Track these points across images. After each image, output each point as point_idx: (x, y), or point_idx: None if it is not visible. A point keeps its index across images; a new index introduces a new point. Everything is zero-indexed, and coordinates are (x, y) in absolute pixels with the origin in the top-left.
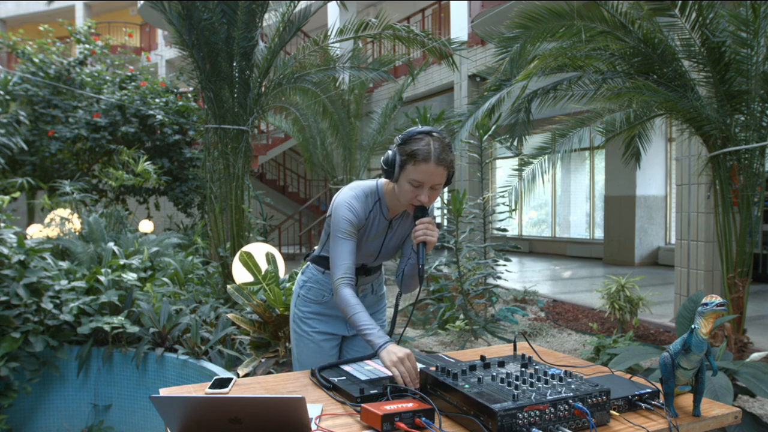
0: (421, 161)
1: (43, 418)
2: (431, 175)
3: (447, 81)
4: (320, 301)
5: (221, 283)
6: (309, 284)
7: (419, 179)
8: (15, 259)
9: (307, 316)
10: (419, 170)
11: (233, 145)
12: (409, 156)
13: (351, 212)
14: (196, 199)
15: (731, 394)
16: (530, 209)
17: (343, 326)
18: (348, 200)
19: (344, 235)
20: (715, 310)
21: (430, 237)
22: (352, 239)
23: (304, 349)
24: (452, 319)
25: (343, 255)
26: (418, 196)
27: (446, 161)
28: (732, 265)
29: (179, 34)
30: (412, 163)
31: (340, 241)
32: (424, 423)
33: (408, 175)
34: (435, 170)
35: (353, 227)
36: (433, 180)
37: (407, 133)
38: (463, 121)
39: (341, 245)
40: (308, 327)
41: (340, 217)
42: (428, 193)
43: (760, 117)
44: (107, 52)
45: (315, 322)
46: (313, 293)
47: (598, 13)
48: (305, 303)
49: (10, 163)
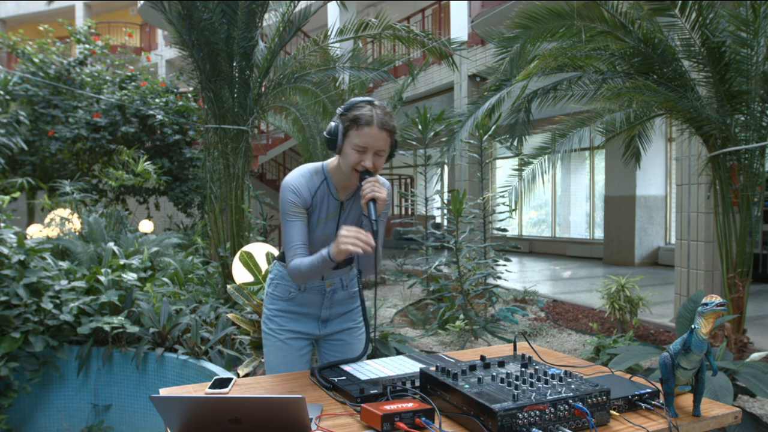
0: (364, 125)
1: (43, 418)
2: (375, 138)
3: (447, 81)
4: (287, 297)
5: (221, 283)
6: (276, 281)
7: (363, 143)
8: (15, 259)
9: (275, 313)
10: (362, 134)
11: (233, 145)
12: (352, 121)
13: (294, 193)
14: (196, 199)
15: (731, 394)
16: (530, 209)
17: (315, 325)
18: (290, 181)
19: (291, 216)
20: (715, 310)
21: (378, 193)
22: (299, 218)
23: (272, 348)
24: (452, 319)
25: (292, 236)
26: (362, 162)
27: (389, 126)
28: (732, 265)
29: (179, 34)
30: (355, 128)
31: (287, 223)
32: (424, 423)
33: (352, 141)
34: (378, 134)
35: (298, 207)
36: (376, 145)
37: (349, 102)
38: (463, 121)
39: (289, 226)
40: (275, 325)
41: (284, 199)
42: (372, 159)
43: (760, 117)
44: (107, 52)
45: (282, 320)
46: (279, 290)
47: (598, 13)
48: (273, 300)
49: (10, 163)
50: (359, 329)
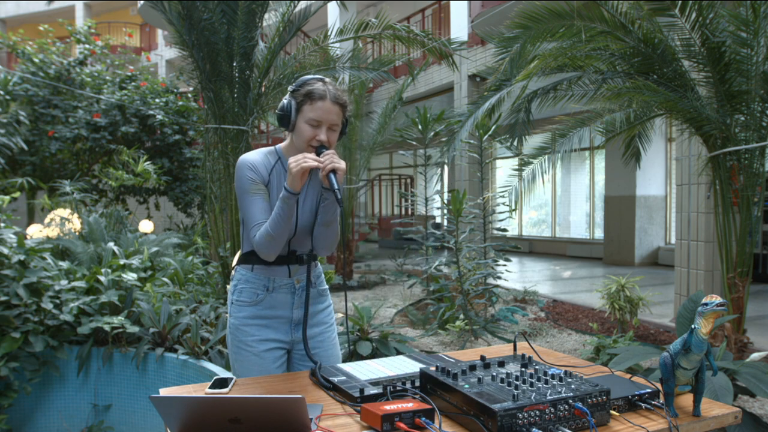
0: (317, 99)
1: (43, 418)
2: (328, 112)
3: (447, 81)
4: (255, 301)
5: (221, 283)
6: (240, 286)
7: (317, 117)
8: (15, 259)
9: (243, 322)
10: (316, 108)
11: (233, 145)
12: (306, 96)
13: (250, 169)
14: (196, 199)
15: (731, 394)
16: (530, 209)
17: (287, 329)
18: (245, 158)
19: (251, 193)
20: (715, 310)
21: (337, 164)
22: (259, 195)
23: (245, 363)
24: (452, 319)
25: (254, 213)
26: (317, 136)
27: (342, 100)
28: (732, 265)
29: (179, 34)
30: (309, 103)
31: (249, 199)
32: (424, 423)
33: (305, 115)
34: (332, 108)
35: (257, 183)
36: (330, 119)
37: (300, 80)
38: (463, 121)
39: (250, 204)
40: (246, 336)
41: (241, 177)
42: (327, 134)
43: (760, 117)
44: (107, 52)
45: (253, 329)
46: (245, 294)
47: (598, 13)
48: (239, 308)
49: (10, 163)
50: (331, 333)
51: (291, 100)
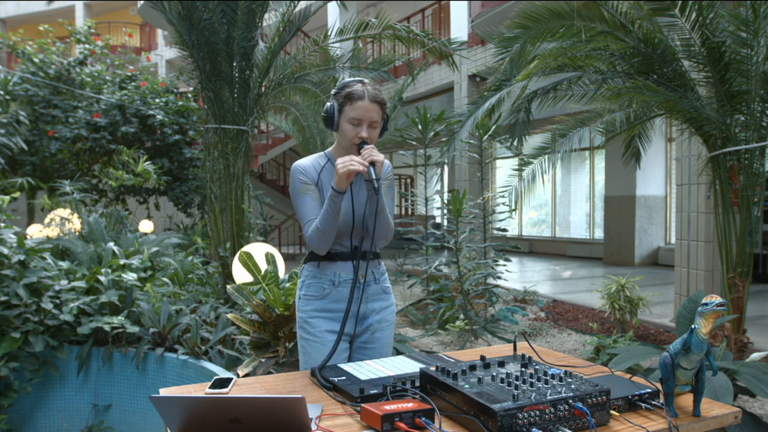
0: (357, 99)
1: (43, 418)
2: (368, 111)
3: (447, 81)
4: (321, 295)
5: (221, 283)
6: (307, 281)
7: (357, 116)
8: (15, 259)
9: (311, 315)
10: (356, 108)
11: (233, 145)
12: (346, 98)
13: (301, 172)
14: (196, 199)
15: (731, 394)
16: (530, 209)
17: (351, 323)
18: (297, 163)
19: (302, 193)
20: (715, 310)
21: (376, 157)
22: (309, 194)
23: (314, 354)
24: (452, 319)
25: (305, 212)
26: (359, 134)
27: (380, 98)
28: (732, 265)
29: (179, 34)
30: (349, 104)
31: (300, 199)
32: (424, 423)
33: (347, 115)
34: (370, 106)
35: (307, 184)
36: (370, 116)
37: (341, 83)
38: (463, 121)
39: (302, 203)
40: (314, 327)
41: (294, 180)
42: (368, 131)
43: (760, 117)
44: (107, 52)
45: (320, 321)
46: (313, 289)
47: (598, 13)
48: (307, 302)
49: (10, 163)
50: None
51: (333, 103)
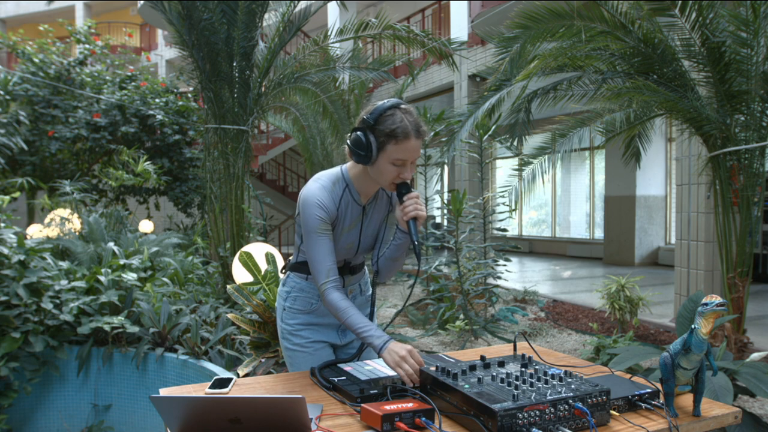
0: (402, 139)
1: (43, 418)
2: (414, 150)
3: (447, 81)
4: (309, 310)
5: (221, 283)
6: (294, 294)
7: (403, 157)
8: (15, 259)
9: (298, 328)
10: (402, 149)
11: (233, 145)
12: (388, 136)
13: (321, 208)
14: (196, 199)
15: (731, 394)
16: (530, 209)
17: (335, 334)
18: (315, 194)
19: (318, 233)
20: (715, 310)
21: (420, 212)
22: (327, 236)
23: (301, 364)
24: (452, 319)
25: (322, 256)
26: (401, 174)
27: (423, 132)
28: (732, 265)
29: (179, 34)
30: (394, 143)
31: (316, 239)
32: (424, 423)
33: (390, 156)
34: (416, 144)
35: (326, 223)
36: (415, 155)
37: (376, 110)
38: (463, 121)
39: (317, 245)
40: (301, 339)
41: (310, 216)
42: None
43: (760, 117)
44: (107, 52)
45: (307, 332)
46: (299, 303)
47: (598, 13)
48: (293, 315)
49: (10, 163)
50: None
51: (370, 137)
